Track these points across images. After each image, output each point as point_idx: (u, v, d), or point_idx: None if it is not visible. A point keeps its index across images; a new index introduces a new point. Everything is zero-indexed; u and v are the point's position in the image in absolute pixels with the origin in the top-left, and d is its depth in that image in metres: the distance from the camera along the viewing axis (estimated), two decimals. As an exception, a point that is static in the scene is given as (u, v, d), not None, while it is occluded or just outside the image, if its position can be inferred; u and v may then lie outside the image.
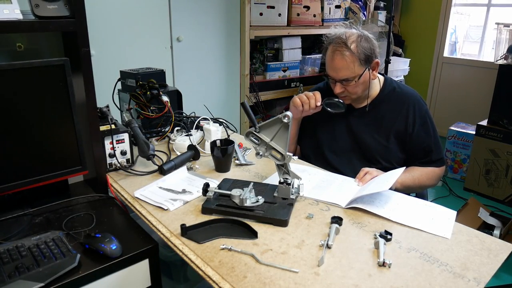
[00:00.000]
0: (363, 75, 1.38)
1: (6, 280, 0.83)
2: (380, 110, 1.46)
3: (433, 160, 1.44)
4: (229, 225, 1.06)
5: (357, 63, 1.36)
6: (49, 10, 1.05)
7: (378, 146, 1.44)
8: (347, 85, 1.39)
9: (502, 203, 2.88)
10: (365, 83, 1.42)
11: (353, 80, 1.38)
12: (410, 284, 0.85)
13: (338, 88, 1.40)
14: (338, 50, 1.36)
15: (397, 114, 1.44)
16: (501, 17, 3.72)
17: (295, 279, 0.85)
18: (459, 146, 3.22)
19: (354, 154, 1.48)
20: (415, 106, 1.43)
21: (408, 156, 1.46)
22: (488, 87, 3.40)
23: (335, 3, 3.52)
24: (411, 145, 1.43)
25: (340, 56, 1.36)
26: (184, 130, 1.66)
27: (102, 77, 1.63)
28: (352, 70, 1.36)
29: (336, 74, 1.38)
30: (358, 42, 1.36)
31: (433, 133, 1.44)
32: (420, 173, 1.41)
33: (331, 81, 1.44)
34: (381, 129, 1.45)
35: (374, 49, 1.39)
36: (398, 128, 1.43)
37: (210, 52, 2.90)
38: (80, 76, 1.15)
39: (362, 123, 1.47)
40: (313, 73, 3.66)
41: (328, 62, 1.42)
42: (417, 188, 1.41)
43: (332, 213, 1.12)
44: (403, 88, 1.49)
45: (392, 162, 1.44)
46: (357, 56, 1.35)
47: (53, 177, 1.13)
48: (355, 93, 1.41)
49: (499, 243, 1.00)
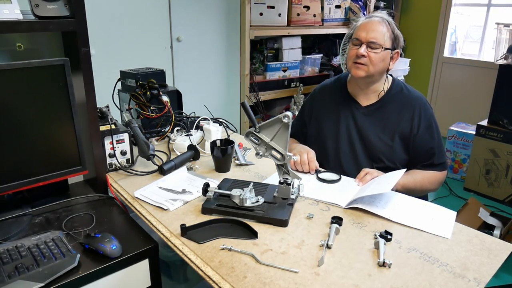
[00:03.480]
0: (387, 51, 1.40)
1: (6, 280, 0.83)
2: (386, 110, 1.46)
3: (435, 164, 1.44)
4: (229, 225, 1.06)
5: (388, 35, 1.40)
6: (49, 10, 1.05)
7: (383, 145, 1.45)
8: (371, 51, 1.39)
9: (502, 203, 2.88)
10: (384, 63, 1.42)
11: (380, 48, 1.38)
12: (410, 284, 0.84)
13: (362, 50, 1.38)
14: (375, 20, 1.42)
15: (403, 115, 1.44)
16: (501, 17, 3.72)
17: (295, 279, 0.85)
18: (459, 146, 3.22)
19: (358, 151, 1.48)
20: (421, 109, 1.44)
21: (411, 158, 1.46)
22: (488, 87, 3.40)
23: (335, 3, 3.52)
24: (415, 147, 1.43)
25: (376, 21, 1.41)
26: (184, 130, 1.66)
27: (102, 77, 1.63)
28: (382, 37, 1.39)
29: (367, 34, 1.39)
30: (392, 22, 1.44)
31: (437, 137, 1.45)
32: (422, 176, 1.41)
33: (355, 44, 1.42)
34: (386, 129, 1.45)
35: (400, 38, 1.44)
36: (403, 129, 1.44)
37: (210, 52, 2.90)
38: (80, 76, 1.15)
39: (367, 121, 1.47)
40: (313, 73, 3.66)
41: (361, 25, 1.43)
42: (418, 191, 1.40)
43: (332, 213, 1.12)
44: (410, 90, 1.50)
45: (395, 162, 1.44)
46: (390, 31, 1.41)
47: (53, 177, 1.13)
48: (374, 64, 1.39)
49: (499, 243, 1.00)
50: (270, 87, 3.34)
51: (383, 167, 1.39)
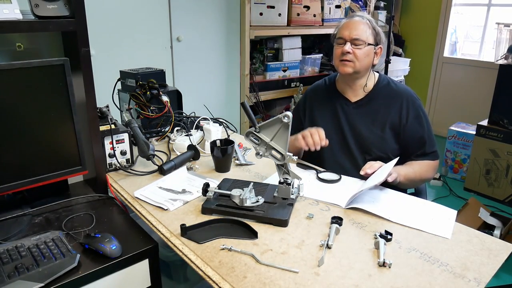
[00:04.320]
0: (370, 47, 1.46)
1: (6, 280, 0.83)
2: (375, 103, 1.52)
3: (427, 153, 1.49)
4: (229, 225, 1.06)
5: (369, 32, 1.46)
6: (49, 10, 1.05)
7: (374, 137, 1.49)
8: (355, 48, 1.44)
9: (502, 203, 2.88)
10: (369, 58, 1.47)
11: (363, 44, 1.44)
12: (410, 284, 0.84)
13: (347, 47, 1.44)
14: (355, 18, 1.48)
15: (391, 107, 1.49)
16: (501, 17, 3.72)
17: (295, 279, 0.85)
18: (459, 146, 3.22)
19: (350, 144, 1.52)
20: (408, 100, 1.49)
21: (403, 149, 1.50)
22: (488, 87, 3.40)
23: (335, 3, 3.52)
24: (405, 136, 1.48)
25: (357, 19, 1.48)
26: (184, 130, 1.66)
27: (102, 77, 1.63)
28: (365, 34, 1.45)
29: (350, 32, 1.45)
30: (372, 20, 1.50)
31: (426, 125, 1.49)
32: (420, 166, 1.46)
33: (340, 43, 1.48)
34: (376, 121, 1.50)
35: (381, 34, 1.51)
36: (392, 120, 1.48)
37: (210, 52, 2.90)
38: (80, 76, 1.15)
39: (357, 115, 1.52)
40: (313, 73, 3.65)
41: (343, 25, 1.49)
42: (418, 181, 1.46)
43: (332, 213, 1.12)
44: (397, 84, 1.56)
45: (387, 152, 1.48)
46: (371, 28, 1.47)
47: (53, 177, 1.13)
48: (360, 60, 1.45)
49: (499, 243, 1.00)
50: (270, 87, 3.34)
51: (375, 158, 1.42)
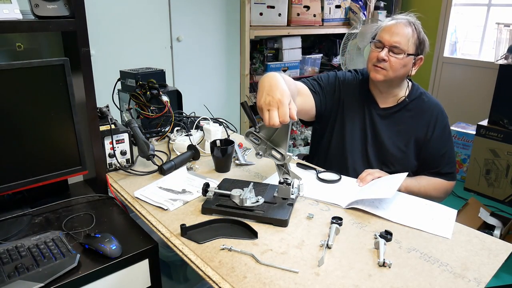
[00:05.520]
0: (409, 57, 1.36)
1: (6, 280, 0.83)
2: (403, 115, 1.44)
3: (443, 173, 1.43)
4: (229, 225, 1.06)
5: (412, 41, 1.35)
6: (49, 10, 1.05)
7: (396, 151, 1.43)
8: (393, 56, 1.34)
9: (502, 203, 2.88)
10: (405, 69, 1.37)
11: (402, 54, 1.34)
12: (410, 284, 0.84)
13: (383, 53, 1.34)
14: (402, 22, 1.37)
15: (419, 121, 1.43)
16: (501, 17, 3.72)
17: (295, 279, 0.85)
18: (459, 146, 3.22)
19: (370, 152, 1.45)
20: (437, 116, 1.43)
21: (420, 164, 1.44)
22: (488, 87, 3.40)
23: (335, 3, 3.52)
24: (426, 152, 1.42)
25: (402, 25, 1.36)
26: (184, 130, 1.66)
27: (102, 77, 1.63)
28: (406, 43, 1.34)
29: (390, 37, 1.34)
30: (419, 28, 1.38)
31: (449, 145, 1.43)
32: (428, 182, 1.40)
33: (377, 46, 1.37)
34: (400, 134, 1.43)
35: (425, 43, 1.40)
36: (417, 135, 1.42)
37: (210, 52, 2.89)
38: (80, 76, 1.15)
39: (383, 123, 1.45)
40: (313, 73, 3.65)
41: (385, 27, 1.38)
42: (422, 196, 1.34)
43: (332, 213, 1.12)
44: (429, 97, 1.48)
45: (408, 168, 1.41)
46: (415, 36, 1.36)
47: (53, 177, 1.13)
48: (394, 70, 1.35)
49: (499, 243, 1.00)
50: (270, 87, 3.33)
51: (392, 172, 1.35)
